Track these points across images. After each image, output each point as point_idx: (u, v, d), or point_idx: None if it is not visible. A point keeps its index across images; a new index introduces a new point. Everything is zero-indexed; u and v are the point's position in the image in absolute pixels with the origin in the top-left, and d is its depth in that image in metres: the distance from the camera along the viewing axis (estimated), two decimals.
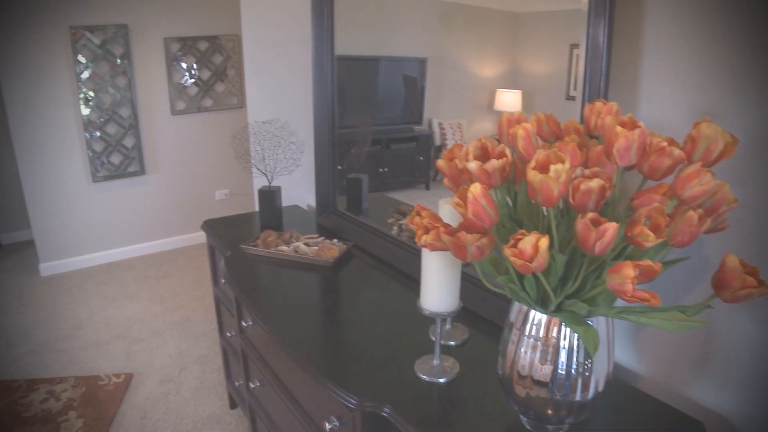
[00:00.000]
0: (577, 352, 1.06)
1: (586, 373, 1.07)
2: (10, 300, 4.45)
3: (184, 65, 5.08)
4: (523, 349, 1.10)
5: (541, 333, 1.07)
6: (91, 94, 4.71)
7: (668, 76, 1.22)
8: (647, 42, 1.25)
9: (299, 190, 2.93)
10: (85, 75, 4.65)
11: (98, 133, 4.81)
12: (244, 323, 2.07)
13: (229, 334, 2.51)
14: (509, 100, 1.80)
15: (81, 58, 4.60)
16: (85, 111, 4.72)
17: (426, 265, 1.28)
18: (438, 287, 1.27)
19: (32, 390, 3.19)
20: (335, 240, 2.26)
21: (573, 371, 1.06)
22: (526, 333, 1.09)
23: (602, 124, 0.97)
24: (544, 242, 0.86)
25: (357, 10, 2.31)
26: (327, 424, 1.46)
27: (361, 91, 2.48)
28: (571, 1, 1.42)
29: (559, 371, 1.07)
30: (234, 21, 5.04)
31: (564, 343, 1.05)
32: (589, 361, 1.06)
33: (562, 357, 1.06)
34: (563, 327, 1.05)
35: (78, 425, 2.86)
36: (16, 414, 2.98)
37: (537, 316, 1.08)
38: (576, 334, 1.04)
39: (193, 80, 5.15)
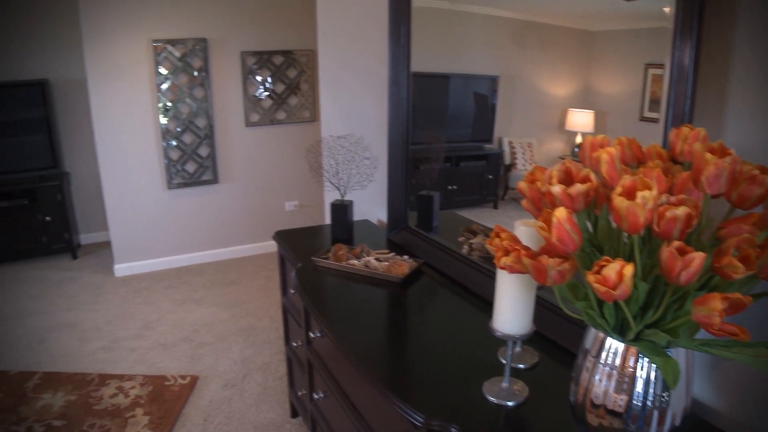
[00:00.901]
0: (655, 383, 1.03)
1: (663, 406, 1.03)
2: (86, 297, 4.65)
3: (259, 78, 5.21)
4: (597, 377, 1.08)
5: (617, 362, 1.05)
6: (169, 104, 4.89)
7: (759, 101, 1.18)
8: (736, 64, 1.21)
9: (370, 205, 2.95)
10: (165, 86, 4.84)
11: (174, 142, 4.99)
12: (311, 334, 2.09)
13: (295, 344, 2.54)
14: (581, 120, 1.77)
15: (162, 70, 4.79)
16: (164, 120, 4.90)
17: (501, 286, 1.27)
18: (512, 309, 1.26)
19: (103, 384, 3.33)
20: (406, 256, 2.26)
21: (649, 403, 1.03)
22: (602, 360, 1.07)
23: (690, 151, 0.94)
24: (628, 270, 0.85)
25: (429, 27, 2.32)
26: None
27: (432, 108, 2.49)
28: (648, 20, 1.40)
29: (635, 402, 1.04)
30: (309, 36, 5.15)
31: (641, 374, 1.03)
32: (667, 393, 1.03)
33: (639, 387, 1.03)
34: (641, 357, 1.02)
35: (144, 422, 2.95)
36: (88, 406, 3.12)
37: (614, 344, 1.05)
38: (654, 365, 1.01)
39: (267, 93, 5.28)
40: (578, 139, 1.82)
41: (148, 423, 2.94)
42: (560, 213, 0.90)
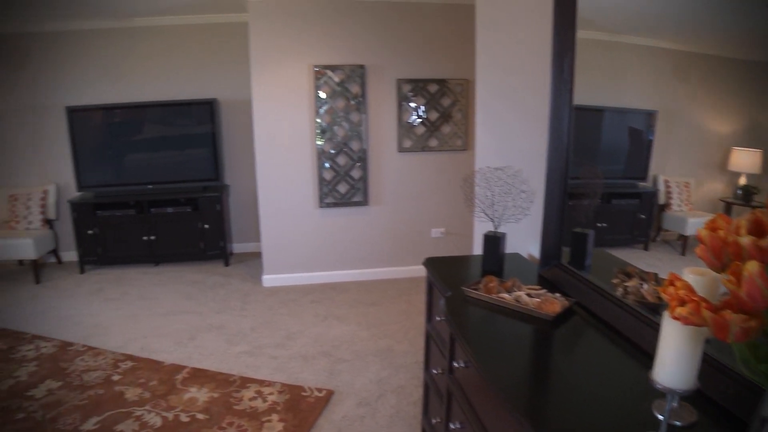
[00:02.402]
0: None
1: None
2: (235, 303, 4.97)
3: (413, 105, 5.34)
4: None
5: None
6: (326, 126, 5.14)
7: None
8: None
9: (522, 239, 2.91)
10: (323, 109, 5.09)
11: (329, 163, 5.23)
12: (455, 363, 2.09)
13: (435, 371, 2.54)
14: (746, 160, 1.65)
15: (321, 94, 5.06)
16: (320, 142, 5.16)
17: (666, 336, 1.21)
18: (677, 362, 1.19)
19: (244, 387, 3.53)
20: (557, 294, 2.20)
21: None
22: None
23: None
24: None
25: (584, 59, 2.27)
26: None
27: (584, 142, 2.42)
28: None
29: None
30: (463, 66, 5.22)
31: None
32: None
33: None
34: None
35: (278, 428, 3.09)
36: (228, 405, 3.33)
37: None
38: None
39: (420, 120, 5.39)
40: (742, 181, 1.70)
41: (283, 430, 3.07)
42: (752, 267, 0.84)
